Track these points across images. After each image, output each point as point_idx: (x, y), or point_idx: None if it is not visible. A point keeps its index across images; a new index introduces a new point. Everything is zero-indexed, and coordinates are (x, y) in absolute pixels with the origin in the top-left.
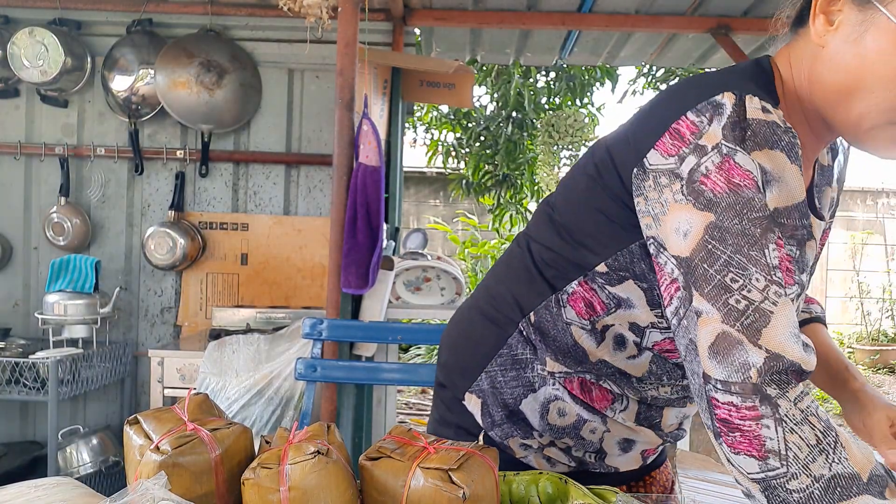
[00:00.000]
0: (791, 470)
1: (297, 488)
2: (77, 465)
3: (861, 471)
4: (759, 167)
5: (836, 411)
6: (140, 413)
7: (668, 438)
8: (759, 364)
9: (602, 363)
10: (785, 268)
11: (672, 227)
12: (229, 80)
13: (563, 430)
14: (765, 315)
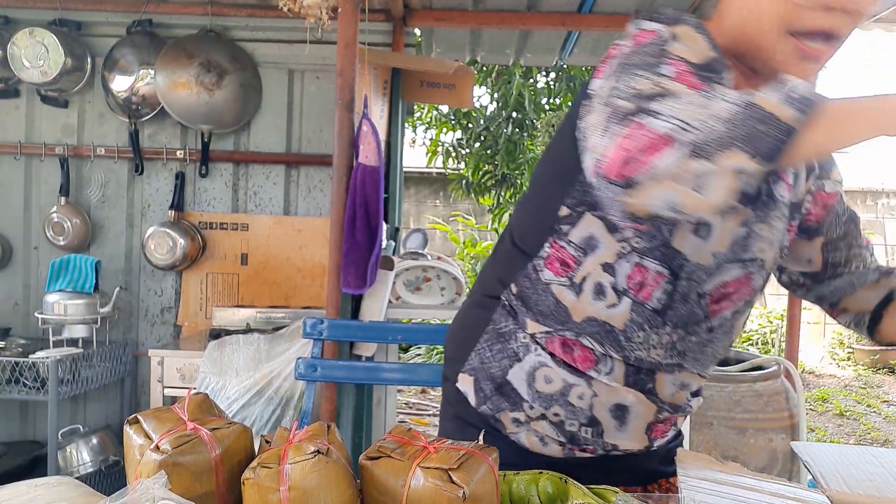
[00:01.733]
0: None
1: (297, 488)
2: (77, 465)
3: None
4: (674, 35)
5: (838, 410)
6: (140, 413)
7: (667, 408)
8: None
9: (586, 321)
10: (682, 77)
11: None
12: (229, 80)
13: (552, 397)
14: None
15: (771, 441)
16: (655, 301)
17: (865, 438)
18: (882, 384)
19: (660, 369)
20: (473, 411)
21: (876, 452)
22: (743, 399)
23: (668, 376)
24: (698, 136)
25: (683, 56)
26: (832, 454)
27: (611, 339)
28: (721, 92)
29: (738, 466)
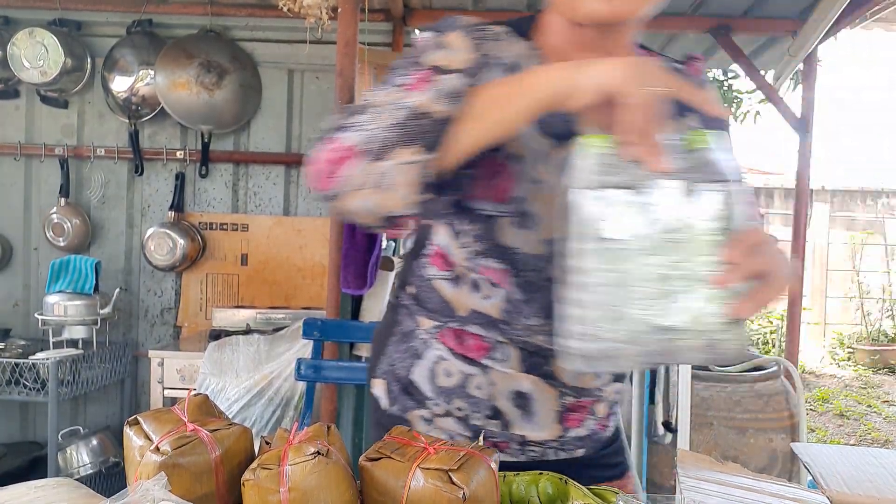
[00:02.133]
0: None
1: (298, 489)
2: (77, 466)
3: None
4: (445, 42)
5: (838, 410)
6: (140, 414)
7: (570, 392)
8: (331, 124)
9: (469, 314)
10: (417, 84)
11: None
12: (229, 80)
13: (452, 391)
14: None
15: (771, 441)
16: (515, 293)
17: (866, 439)
18: (882, 384)
19: (551, 353)
20: (386, 414)
21: (876, 453)
22: (743, 399)
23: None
24: (375, 142)
25: (437, 63)
26: (832, 455)
27: (494, 328)
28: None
29: (738, 467)
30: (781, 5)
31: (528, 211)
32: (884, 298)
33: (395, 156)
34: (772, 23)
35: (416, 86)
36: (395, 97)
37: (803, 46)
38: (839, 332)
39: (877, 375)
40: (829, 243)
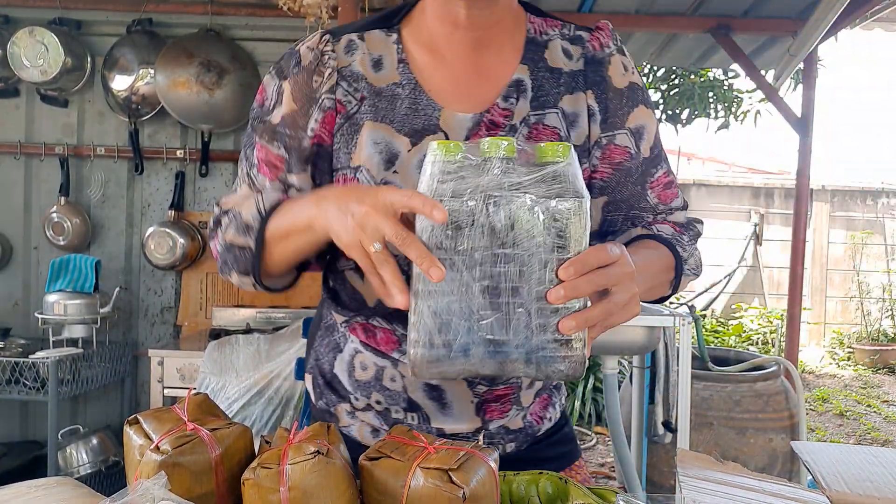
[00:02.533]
0: (220, 257)
1: (298, 488)
2: (77, 465)
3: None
4: (279, 87)
5: (838, 410)
6: (140, 413)
7: (483, 382)
8: (213, 217)
9: (378, 303)
10: (261, 167)
11: None
12: (229, 80)
13: (369, 384)
14: (235, 190)
15: (771, 441)
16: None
17: (865, 438)
18: (882, 384)
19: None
20: (316, 409)
21: (876, 452)
22: (743, 399)
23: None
24: (221, 263)
25: (261, 133)
26: (832, 454)
27: (400, 320)
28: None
29: (738, 466)
30: (781, 5)
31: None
32: (884, 298)
33: (233, 276)
34: (772, 23)
35: (261, 168)
36: (245, 194)
37: (803, 46)
38: (839, 331)
39: (877, 375)
40: (829, 243)
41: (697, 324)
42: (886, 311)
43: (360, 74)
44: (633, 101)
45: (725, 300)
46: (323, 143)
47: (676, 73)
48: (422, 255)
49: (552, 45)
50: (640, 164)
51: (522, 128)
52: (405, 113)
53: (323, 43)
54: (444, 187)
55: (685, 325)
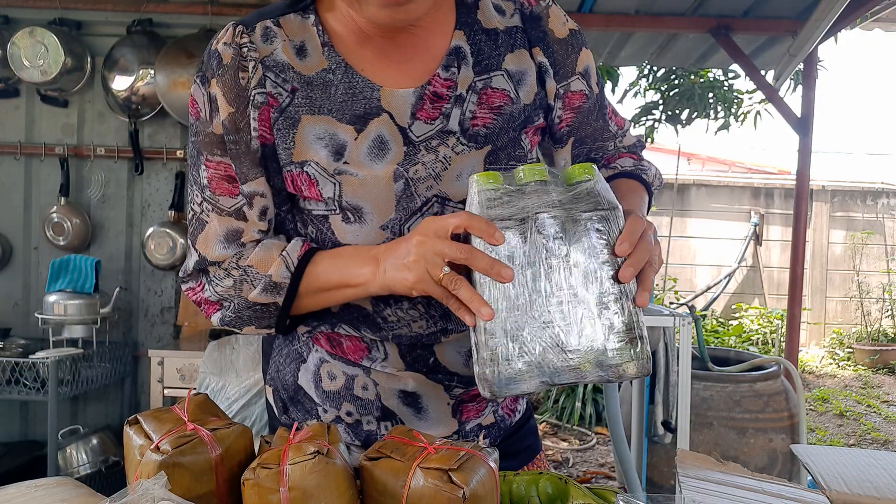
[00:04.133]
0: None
1: (297, 489)
2: (77, 466)
3: (267, 269)
4: (208, 95)
5: (838, 411)
6: (140, 413)
7: (458, 383)
8: (191, 264)
9: (341, 309)
10: (217, 185)
11: None
12: None
13: (339, 394)
14: (202, 224)
15: (771, 441)
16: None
17: (865, 439)
18: (882, 384)
19: (433, 341)
20: (281, 424)
21: (876, 455)
22: (743, 399)
23: (447, 345)
24: (232, 317)
25: (207, 147)
26: (832, 457)
27: (368, 322)
28: (250, 272)
29: (738, 467)
30: (781, 5)
31: (348, 204)
32: (884, 298)
33: (246, 329)
34: (772, 23)
35: (216, 187)
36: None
37: (803, 46)
38: (839, 331)
39: (877, 375)
40: (829, 243)
41: (697, 324)
42: (886, 311)
43: (286, 63)
44: (577, 46)
45: (725, 300)
46: (266, 141)
47: (676, 73)
48: (490, 263)
49: (482, 5)
50: (595, 101)
51: (471, 95)
52: (342, 99)
53: (238, 35)
54: (493, 213)
55: (685, 326)
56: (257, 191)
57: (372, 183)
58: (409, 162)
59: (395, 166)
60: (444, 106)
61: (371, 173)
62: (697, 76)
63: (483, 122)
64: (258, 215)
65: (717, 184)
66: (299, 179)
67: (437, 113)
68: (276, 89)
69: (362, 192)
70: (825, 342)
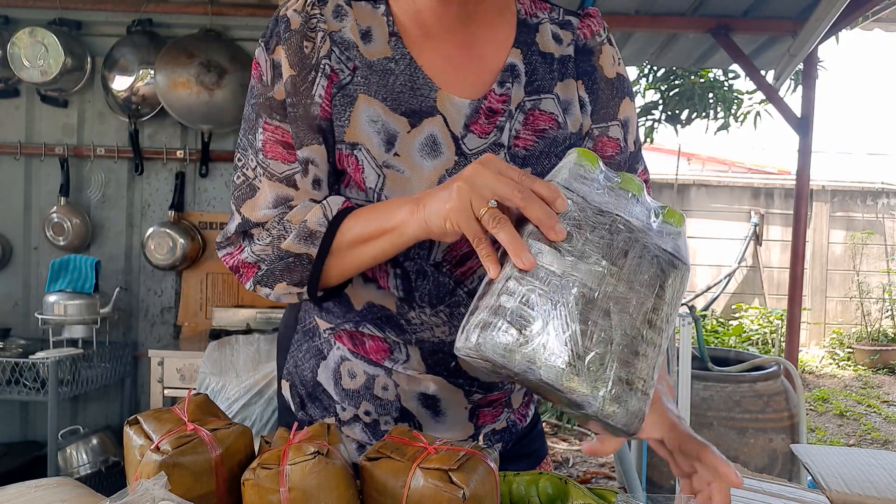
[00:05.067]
0: (267, 259)
1: (298, 489)
2: (77, 466)
3: (302, 221)
4: (272, 61)
5: (836, 410)
6: (140, 413)
7: (477, 389)
8: (233, 227)
9: (365, 307)
10: (271, 148)
11: None
12: (229, 80)
13: (358, 393)
14: (252, 189)
15: (771, 441)
16: (396, 286)
17: (866, 439)
18: (882, 384)
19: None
20: (296, 419)
21: (876, 455)
22: (743, 399)
23: None
24: (264, 273)
25: (267, 111)
26: (832, 456)
27: (391, 323)
28: (283, 224)
29: (738, 467)
30: (781, 5)
31: (387, 199)
32: (884, 298)
33: (279, 287)
34: (772, 23)
35: (270, 151)
36: (266, 188)
37: (803, 46)
38: (839, 331)
39: (877, 375)
40: (829, 243)
41: (697, 324)
42: (886, 311)
43: (352, 42)
44: (622, 91)
45: (725, 300)
46: (326, 115)
47: (676, 73)
48: (547, 213)
49: (542, 28)
50: (627, 158)
51: (518, 114)
52: (400, 90)
53: (310, 6)
54: (578, 186)
55: (685, 326)
56: (312, 157)
57: (416, 183)
58: (454, 172)
59: (443, 171)
60: (498, 119)
61: (418, 172)
62: (697, 76)
63: (524, 143)
64: (311, 184)
65: (717, 184)
66: (347, 161)
67: (492, 127)
68: (339, 65)
69: (405, 190)
70: (825, 342)
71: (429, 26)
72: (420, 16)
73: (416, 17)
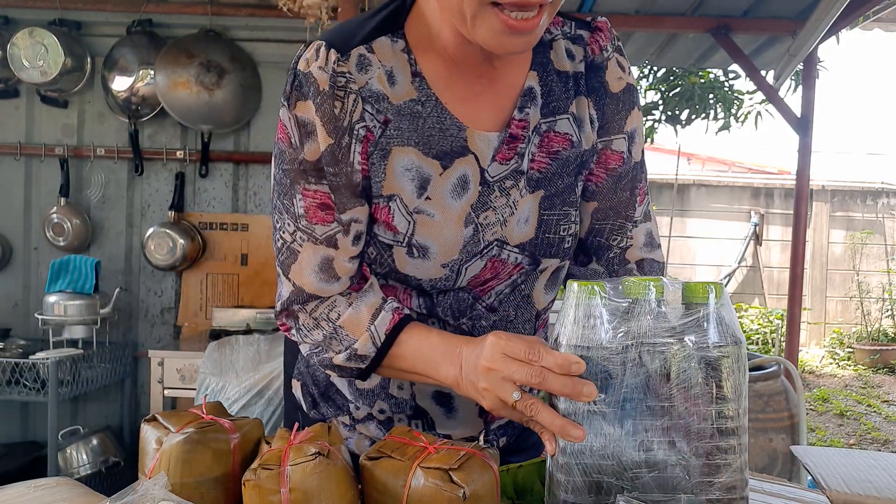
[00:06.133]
0: (319, 356)
1: (298, 490)
2: (77, 466)
3: (355, 335)
4: (297, 119)
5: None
6: (156, 413)
7: None
8: (286, 294)
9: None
10: (314, 214)
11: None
12: (229, 80)
13: (373, 393)
14: (293, 254)
15: (771, 441)
16: (420, 304)
17: (866, 438)
18: (882, 384)
19: None
20: (309, 419)
21: (876, 456)
22: None
23: None
24: (316, 361)
25: (303, 176)
26: (832, 456)
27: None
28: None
29: None
30: (781, 5)
31: (416, 242)
32: (884, 298)
33: (328, 371)
34: (772, 23)
35: (314, 216)
36: (309, 252)
37: (803, 46)
38: (839, 331)
39: (877, 375)
40: (829, 243)
41: None
42: (886, 311)
43: (381, 94)
44: (629, 104)
45: None
46: (365, 174)
47: (677, 73)
48: (569, 385)
49: (556, 45)
50: (630, 168)
51: (534, 136)
52: (430, 133)
53: (335, 63)
54: (591, 334)
55: None
56: (356, 217)
57: (444, 225)
58: (481, 205)
59: (468, 208)
60: (519, 146)
61: (447, 213)
62: (698, 76)
63: (538, 166)
64: (352, 241)
65: (716, 184)
66: (381, 212)
67: (513, 154)
68: (371, 122)
69: (433, 234)
70: (825, 342)
71: (451, 58)
72: (440, 46)
73: (436, 47)
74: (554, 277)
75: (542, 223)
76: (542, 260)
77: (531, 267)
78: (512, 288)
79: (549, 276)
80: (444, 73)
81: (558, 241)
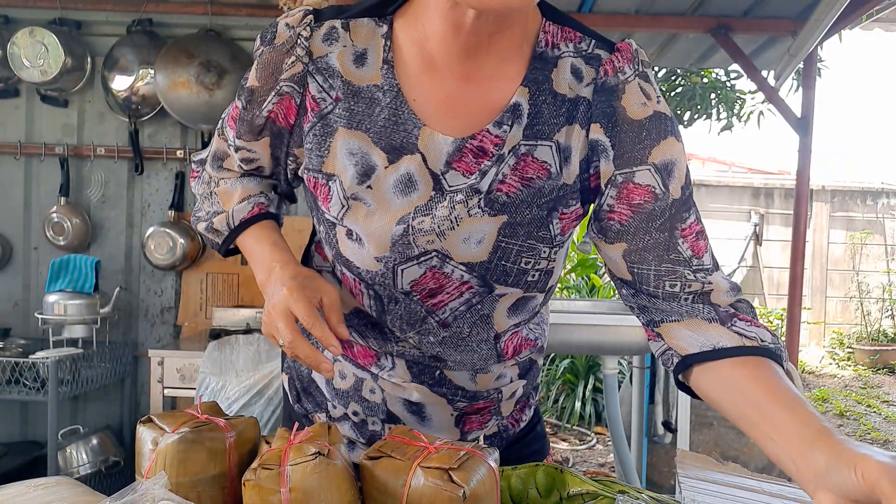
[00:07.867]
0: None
1: (298, 489)
2: (77, 466)
3: (226, 205)
4: (257, 55)
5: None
6: (152, 414)
7: (461, 398)
8: (207, 152)
9: (353, 313)
10: (230, 120)
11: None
12: (229, 80)
13: (348, 394)
14: (224, 127)
15: None
16: (371, 304)
17: (865, 438)
18: (882, 384)
19: (433, 363)
20: (294, 410)
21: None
22: None
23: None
24: (194, 217)
25: (240, 95)
26: None
27: (375, 332)
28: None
29: (737, 467)
30: (781, 5)
31: (346, 227)
32: (884, 298)
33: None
34: (772, 23)
35: (230, 121)
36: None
37: (803, 46)
38: (839, 331)
39: (877, 375)
40: (829, 243)
41: None
42: (886, 311)
43: (336, 70)
44: (659, 133)
45: None
46: (278, 122)
47: (678, 73)
48: (308, 354)
49: (562, 64)
50: (667, 206)
51: (510, 157)
52: (383, 124)
53: (302, 26)
54: None
55: None
56: (246, 147)
57: (380, 217)
58: (424, 209)
59: (411, 209)
60: (484, 162)
61: (386, 206)
62: (699, 76)
63: (508, 189)
64: (238, 161)
65: (717, 184)
66: (321, 189)
67: (476, 168)
68: (320, 94)
69: (362, 222)
70: (825, 342)
71: (433, 55)
72: (426, 43)
73: (422, 43)
74: (521, 304)
75: (499, 249)
76: (495, 286)
77: (483, 289)
78: (468, 307)
79: (512, 301)
80: (419, 65)
81: (517, 272)
